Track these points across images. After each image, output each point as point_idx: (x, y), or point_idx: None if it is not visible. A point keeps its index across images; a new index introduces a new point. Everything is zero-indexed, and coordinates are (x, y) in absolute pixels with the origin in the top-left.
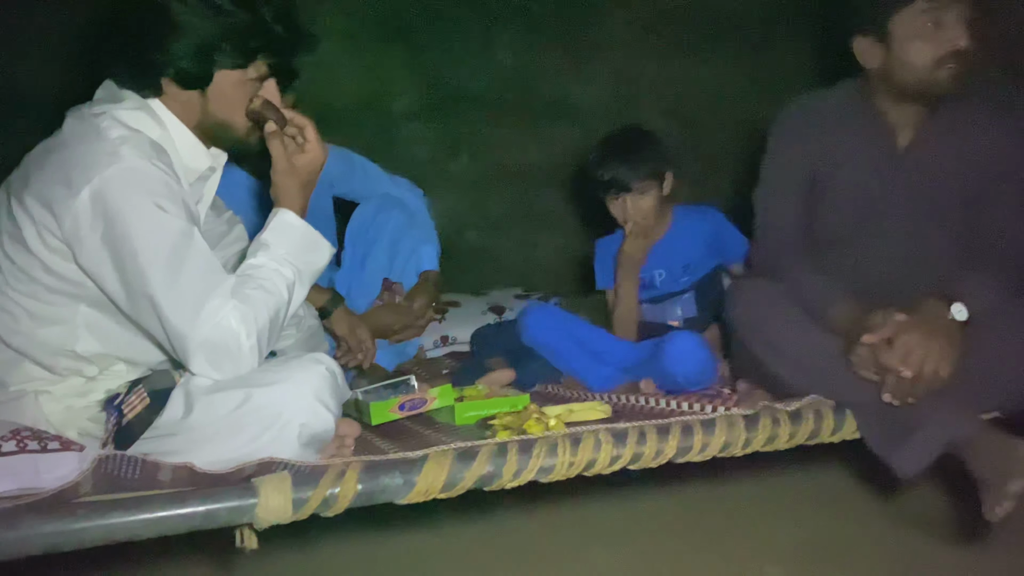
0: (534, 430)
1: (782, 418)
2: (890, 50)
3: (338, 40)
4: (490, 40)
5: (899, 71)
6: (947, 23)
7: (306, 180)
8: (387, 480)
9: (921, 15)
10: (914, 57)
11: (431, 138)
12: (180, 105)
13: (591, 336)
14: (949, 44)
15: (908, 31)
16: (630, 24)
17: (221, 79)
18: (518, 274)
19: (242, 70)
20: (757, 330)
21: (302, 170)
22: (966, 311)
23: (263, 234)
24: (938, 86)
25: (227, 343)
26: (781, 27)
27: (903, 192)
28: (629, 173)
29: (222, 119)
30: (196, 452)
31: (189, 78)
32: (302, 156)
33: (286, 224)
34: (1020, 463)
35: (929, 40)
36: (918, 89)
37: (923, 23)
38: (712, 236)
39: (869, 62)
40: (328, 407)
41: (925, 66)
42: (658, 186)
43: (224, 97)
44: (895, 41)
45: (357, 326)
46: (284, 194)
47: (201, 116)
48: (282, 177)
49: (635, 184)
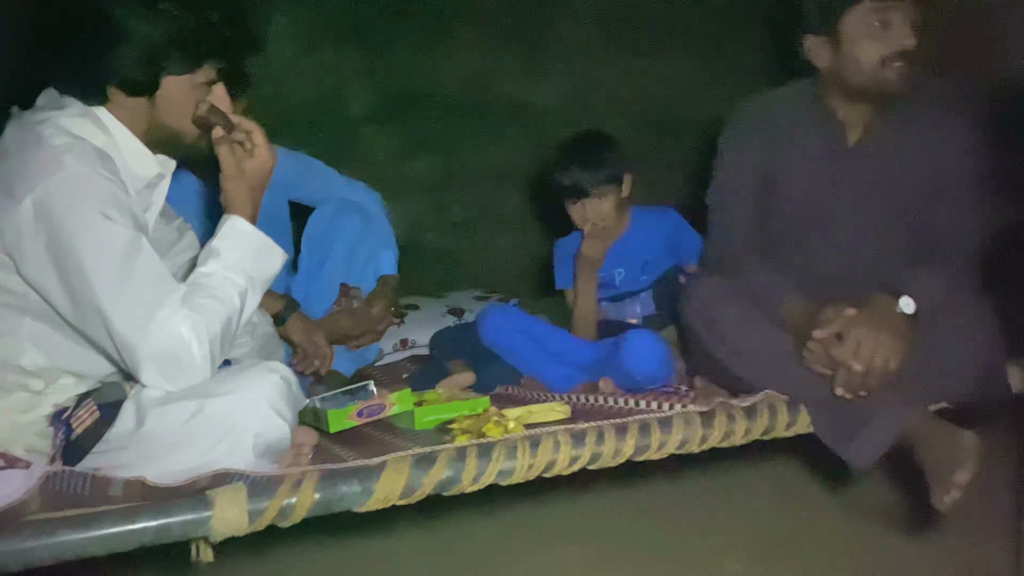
0: (493, 433)
1: (737, 414)
2: (839, 49)
3: (293, 42)
4: (448, 41)
5: (848, 70)
6: (894, 23)
7: (256, 185)
8: (345, 488)
9: (869, 15)
10: (862, 56)
11: (389, 140)
12: (127, 112)
13: (550, 336)
14: (896, 44)
15: (856, 31)
16: (589, 25)
17: (168, 85)
18: (478, 276)
19: (190, 75)
20: (711, 327)
21: (251, 175)
22: (913, 304)
23: (213, 241)
24: (886, 85)
25: (178, 353)
26: (738, 28)
27: (853, 189)
28: (588, 178)
29: (170, 126)
30: (148, 465)
31: (135, 85)
32: (251, 161)
33: (237, 231)
34: (966, 453)
35: (877, 39)
36: (866, 88)
37: (871, 23)
38: (669, 236)
39: (819, 61)
40: (283, 416)
41: (873, 65)
42: (617, 190)
43: (172, 103)
44: (844, 40)
45: (313, 332)
46: (234, 200)
47: (149, 123)
48: (231, 183)
49: (594, 189)
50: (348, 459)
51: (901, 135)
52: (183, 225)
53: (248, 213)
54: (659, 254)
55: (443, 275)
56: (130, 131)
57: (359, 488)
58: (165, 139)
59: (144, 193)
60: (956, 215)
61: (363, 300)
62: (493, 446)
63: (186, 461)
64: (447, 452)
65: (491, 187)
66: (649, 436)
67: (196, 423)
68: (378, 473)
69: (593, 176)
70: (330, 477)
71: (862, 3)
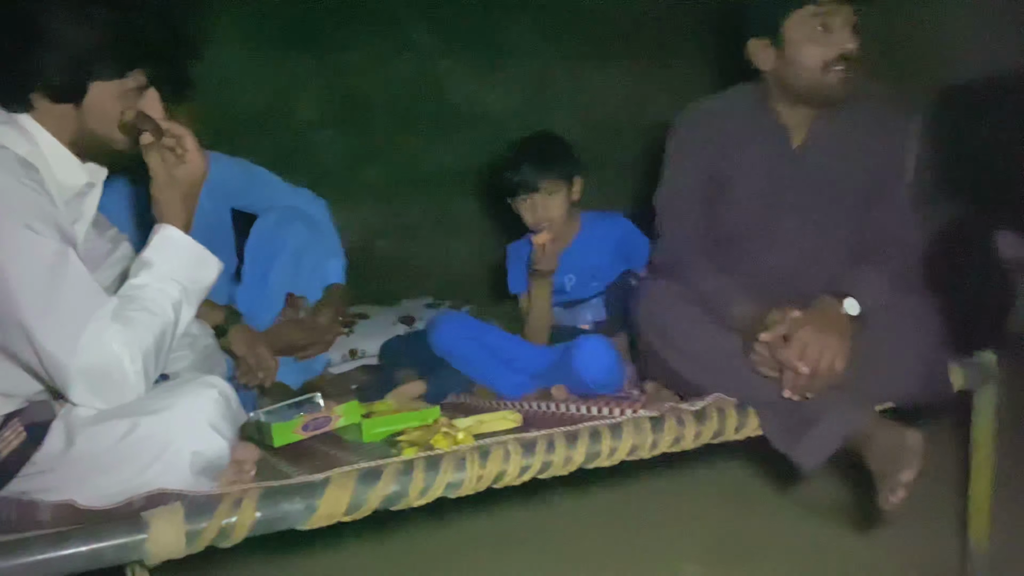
0: (442, 444)
1: (687, 418)
2: (782, 53)
3: (239, 46)
4: (399, 45)
5: (791, 73)
6: (835, 27)
7: (188, 193)
8: (287, 506)
9: (811, 19)
10: (804, 60)
11: (339, 146)
12: (52, 119)
13: (503, 344)
14: (837, 47)
15: (799, 35)
16: (540, 31)
17: (96, 92)
18: (430, 283)
19: (119, 81)
20: (660, 331)
21: (183, 182)
22: (858, 306)
23: (145, 252)
24: (828, 88)
25: (110, 370)
26: (687, 34)
27: (798, 191)
28: (537, 173)
29: (99, 133)
30: (79, 488)
31: (61, 92)
32: (182, 168)
33: (169, 240)
34: (911, 452)
35: (818, 43)
36: (809, 91)
37: (813, 27)
38: (620, 243)
39: (763, 64)
40: (221, 432)
41: (815, 68)
42: (566, 189)
43: (100, 110)
44: (787, 44)
45: (256, 344)
46: (165, 209)
47: (77, 130)
48: (162, 191)
49: (543, 184)
50: (293, 475)
51: (844, 137)
52: (117, 235)
53: (181, 222)
54: (609, 260)
55: (394, 283)
56: (56, 139)
57: (302, 505)
58: (94, 147)
59: (73, 203)
60: (897, 215)
61: (310, 310)
62: (441, 458)
63: (119, 482)
64: (393, 466)
65: (443, 193)
66: (600, 443)
67: (129, 442)
68: (321, 489)
69: (542, 171)
70: (272, 494)
71: (804, 8)
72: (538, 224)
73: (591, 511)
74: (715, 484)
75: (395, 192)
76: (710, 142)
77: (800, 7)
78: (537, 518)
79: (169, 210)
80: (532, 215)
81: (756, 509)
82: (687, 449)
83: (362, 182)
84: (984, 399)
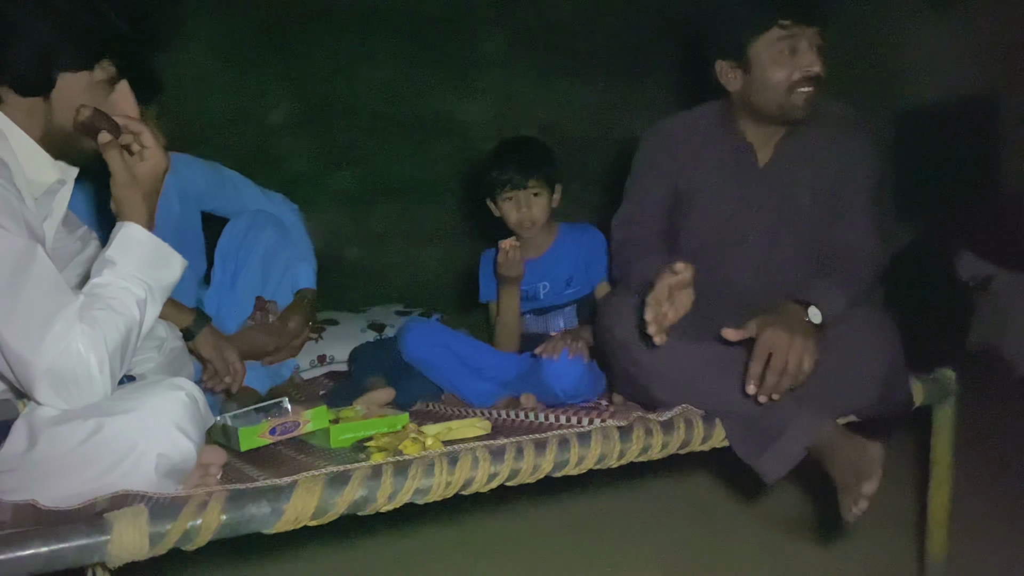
0: (410, 450)
1: (655, 428)
2: (749, 74)
3: (208, 50)
4: (371, 51)
5: (757, 94)
6: (801, 49)
7: (149, 191)
8: (254, 509)
9: (777, 42)
10: (771, 81)
11: (309, 151)
12: (22, 114)
13: (472, 352)
14: (803, 69)
15: (765, 57)
16: (511, 43)
17: (65, 84)
18: (400, 290)
19: (87, 72)
20: (625, 346)
21: (143, 180)
22: (820, 314)
23: (107, 250)
24: (793, 109)
25: (75, 370)
26: (655, 50)
27: (763, 209)
28: (525, 171)
29: (69, 129)
30: (41, 488)
31: (28, 84)
32: (142, 165)
33: (131, 238)
34: (872, 464)
35: (784, 65)
36: (775, 111)
37: (779, 49)
38: (587, 251)
39: (730, 85)
40: (188, 435)
41: (781, 89)
42: (549, 193)
43: (70, 104)
44: (753, 66)
45: (224, 347)
46: (127, 207)
47: (46, 126)
48: (122, 190)
49: (530, 182)
50: (259, 479)
51: (808, 155)
52: (87, 234)
53: (143, 219)
54: (582, 269)
55: (364, 289)
56: (26, 135)
57: (268, 509)
58: (65, 143)
59: (43, 200)
60: (859, 232)
61: (279, 314)
62: (410, 464)
63: (83, 483)
64: (362, 471)
65: (413, 200)
66: (568, 451)
67: (94, 443)
68: (288, 493)
69: (530, 169)
70: (238, 498)
71: (770, 31)
72: (521, 223)
73: (558, 520)
74: (680, 494)
75: (364, 199)
76: (676, 158)
77: (766, 30)
78: (504, 526)
79: (130, 208)
80: (516, 212)
81: (719, 519)
82: (654, 459)
83: (331, 189)
84: (943, 414)
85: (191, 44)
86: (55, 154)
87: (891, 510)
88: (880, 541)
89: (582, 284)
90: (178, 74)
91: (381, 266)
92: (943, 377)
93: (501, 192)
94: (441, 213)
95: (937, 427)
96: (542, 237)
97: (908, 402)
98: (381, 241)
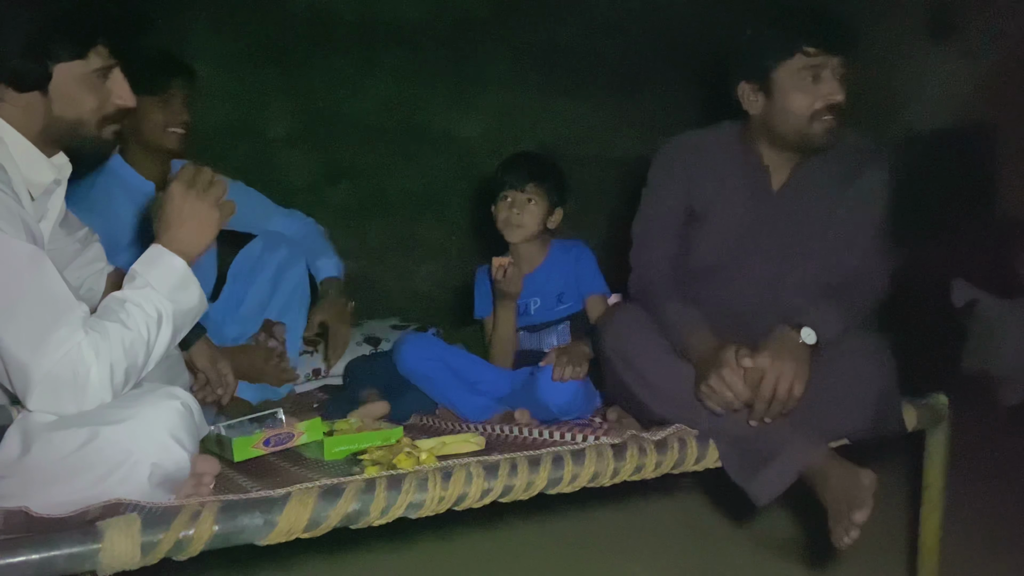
0: (404, 464)
1: (648, 447)
2: (771, 99)
3: (209, 62)
4: (371, 65)
5: (778, 119)
6: (825, 77)
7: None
8: (246, 520)
9: (802, 68)
10: (793, 107)
11: (308, 164)
12: (20, 111)
13: (467, 366)
14: (826, 97)
15: (789, 82)
16: (511, 61)
17: (61, 75)
18: (396, 304)
19: (82, 61)
20: (625, 358)
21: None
22: (815, 335)
23: (135, 265)
24: (814, 136)
25: (75, 376)
26: (654, 70)
27: (774, 232)
28: (528, 174)
29: (71, 119)
30: (34, 495)
31: (25, 79)
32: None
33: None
34: (864, 491)
35: (808, 92)
36: (794, 137)
37: (804, 76)
38: (574, 265)
39: (751, 108)
40: (182, 444)
41: (803, 116)
42: (547, 207)
43: (68, 94)
44: (776, 91)
45: (219, 359)
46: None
47: (46, 120)
48: (176, 222)
49: (529, 185)
50: (252, 490)
51: (823, 184)
52: (88, 236)
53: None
54: (573, 285)
55: (360, 303)
56: (24, 134)
57: (261, 520)
58: (65, 135)
59: (39, 200)
60: (864, 260)
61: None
62: (403, 478)
63: (76, 491)
64: (355, 484)
65: (411, 215)
66: (562, 468)
67: (89, 451)
68: (282, 505)
69: (533, 174)
70: (231, 508)
71: (795, 57)
72: (508, 222)
73: (550, 536)
74: (672, 513)
75: (362, 213)
76: (691, 175)
77: (791, 56)
78: (497, 542)
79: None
80: (506, 211)
81: (711, 539)
82: (647, 478)
83: (328, 202)
84: (936, 439)
85: (192, 56)
86: (57, 145)
87: (882, 534)
88: (871, 565)
89: (574, 300)
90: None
91: (378, 280)
92: (936, 402)
93: (500, 191)
94: (438, 228)
95: (930, 451)
96: (534, 253)
97: (900, 426)
98: (378, 255)
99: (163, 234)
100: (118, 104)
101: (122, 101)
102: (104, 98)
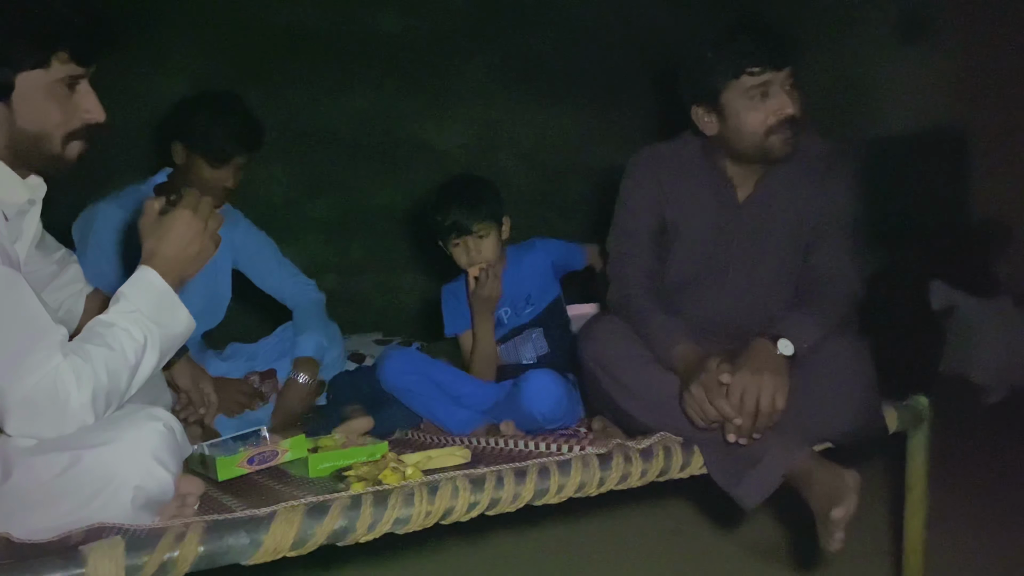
0: (390, 480)
1: (634, 456)
2: (724, 120)
3: (189, 79)
4: (348, 80)
5: (734, 138)
6: (773, 93)
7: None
8: (232, 540)
9: (749, 89)
10: (746, 126)
11: (287, 180)
12: None
13: (451, 380)
14: (778, 113)
15: (738, 103)
16: (489, 72)
17: (24, 84)
18: (378, 318)
19: (44, 71)
20: (607, 368)
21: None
22: (792, 346)
23: (122, 287)
24: (771, 151)
25: (52, 401)
26: (631, 81)
27: (743, 242)
28: (469, 216)
29: (35, 131)
30: (15, 521)
31: None
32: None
33: (146, 280)
34: (848, 491)
35: (759, 110)
36: (754, 153)
37: (751, 95)
38: (545, 261)
39: (707, 129)
40: (166, 466)
41: (757, 133)
42: (498, 229)
43: (32, 105)
44: (728, 112)
45: (201, 378)
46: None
47: (10, 134)
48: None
49: (476, 226)
50: (237, 509)
51: (788, 190)
52: (66, 257)
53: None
54: (540, 285)
55: (342, 318)
56: None
57: (247, 540)
58: (31, 149)
59: (13, 222)
60: (836, 261)
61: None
62: (390, 494)
63: (58, 516)
64: (341, 501)
65: (392, 228)
66: (548, 479)
67: (71, 476)
68: (267, 524)
69: (474, 214)
70: (216, 528)
71: (740, 78)
72: (471, 264)
73: (537, 546)
74: (658, 521)
75: (342, 227)
76: (662, 185)
77: (736, 78)
78: (484, 553)
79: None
80: (466, 257)
81: (698, 545)
82: (633, 486)
83: (309, 217)
84: (917, 441)
85: (169, 71)
86: (21, 162)
87: (867, 536)
88: (856, 567)
89: (539, 299)
90: (159, 103)
91: (359, 294)
92: (917, 404)
93: (447, 237)
94: (418, 241)
95: (911, 453)
96: (497, 264)
97: (882, 428)
98: (359, 269)
99: (156, 256)
100: (86, 119)
101: (90, 116)
102: (71, 112)
